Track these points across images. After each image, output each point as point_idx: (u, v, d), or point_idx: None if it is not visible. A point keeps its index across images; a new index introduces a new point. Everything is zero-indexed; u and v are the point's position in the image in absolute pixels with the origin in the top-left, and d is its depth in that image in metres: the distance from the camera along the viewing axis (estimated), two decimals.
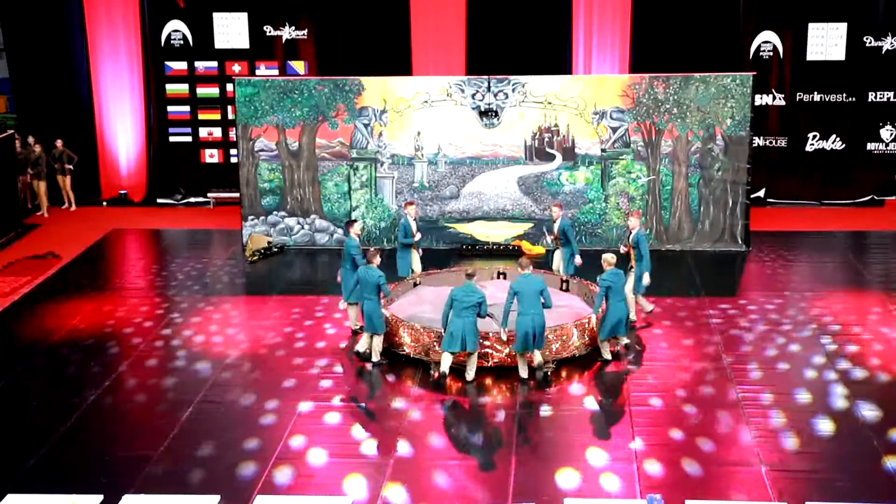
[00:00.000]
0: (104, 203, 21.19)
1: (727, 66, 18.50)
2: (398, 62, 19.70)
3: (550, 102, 17.13)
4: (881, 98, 19.93)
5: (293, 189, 17.66)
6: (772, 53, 19.94)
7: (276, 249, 17.42)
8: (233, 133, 19.52)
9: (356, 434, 10.76)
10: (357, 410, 11.39)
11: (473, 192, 17.50)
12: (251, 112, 17.43)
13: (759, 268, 16.41)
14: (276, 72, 20.46)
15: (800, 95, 20.09)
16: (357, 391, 11.96)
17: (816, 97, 20.04)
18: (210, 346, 13.21)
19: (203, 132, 21.05)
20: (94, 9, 20.52)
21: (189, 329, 13.84)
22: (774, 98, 20.10)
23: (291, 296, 15.15)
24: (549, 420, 11.07)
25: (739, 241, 17.29)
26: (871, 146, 20.22)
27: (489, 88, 17.15)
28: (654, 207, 17.35)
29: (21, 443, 10.58)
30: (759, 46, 19.93)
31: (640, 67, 19.23)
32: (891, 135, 20.11)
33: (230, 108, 20.09)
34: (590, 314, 12.73)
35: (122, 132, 21.01)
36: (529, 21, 20.03)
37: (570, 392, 11.78)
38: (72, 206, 20.65)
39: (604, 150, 17.21)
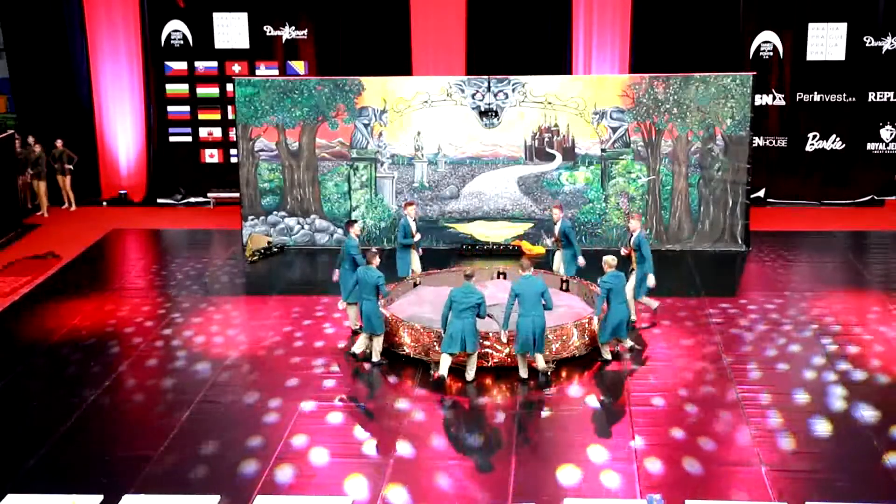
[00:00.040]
0: (104, 203, 21.20)
1: (727, 66, 18.51)
2: (398, 62, 19.71)
3: (550, 102, 17.13)
4: (881, 98, 19.93)
5: (293, 189, 17.66)
6: (772, 53, 19.95)
7: (276, 249, 17.42)
8: (233, 133, 19.53)
9: (356, 434, 10.76)
10: (357, 410, 11.40)
11: (473, 192, 17.50)
12: (251, 112, 17.43)
13: (759, 268, 16.41)
14: (276, 72, 20.46)
15: (800, 95, 20.09)
16: (357, 391, 11.96)
17: (816, 97, 20.05)
18: (210, 346, 13.20)
19: (203, 132, 21.06)
20: (94, 9, 20.53)
21: (189, 329, 13.84)
22: (774, 98, 20.10)
23: (291, 296, 15.15)
24: (549, 420, 11.08)
25: (739, 241, 17.29)
26: (871, 146, 20.23)
27: (489, 88, 17.15)
28: (654, 207, 17.35)
29: (21, 443, 10.58)
30: (759, 46, 19.93)
31: (640, 67, 19.23)
32: (891, 135, 20.11)
33: (230, 108, 20.10)
34: (590, 314, 12.74)
35: (122, 132, 21.01)
36: (529, 21, 20.04)
37: (570, 392, 11.78)
38: (72, 206, 20.65)
39: (604, 150, 17.21)
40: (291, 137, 17.52)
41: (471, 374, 11.90)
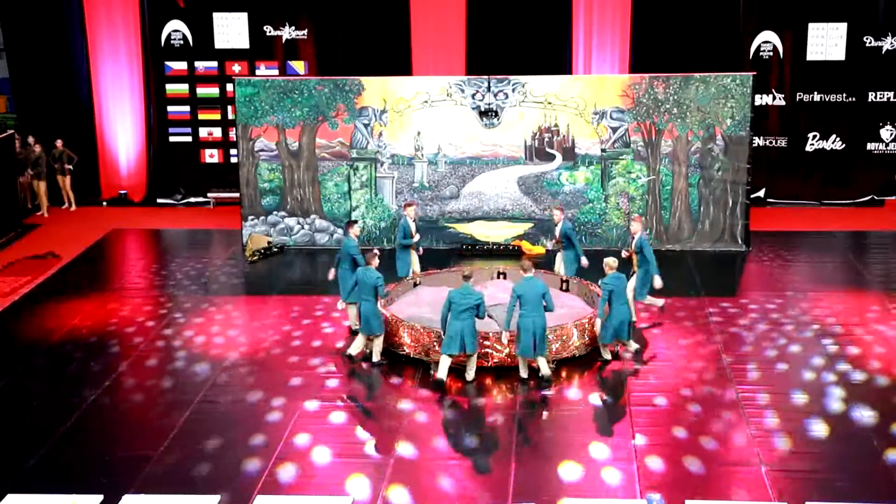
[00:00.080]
0: (104, 203, 21.20)
1: (727, 66, 18.51)
2: (398, 62, 19.71)
3: (550, 102, 17.13)
4: (881, 98, 19.93)
5: (293, 189, 17.66)
6: (772, 53, 19.95)
7: (276, 249, 17.43)
8: (233, 133, 19.53)
9: (357, 434, 10.76)
10: (357, 410, 11.40)
11: (473, 192, 17.50)
12: (251, 112, 17.43)
13: (759, 268, 16.41)
14: (276, 72, 20.46)
15: (800, 95, 20.09)
16: (357, 391, 11.96)
17: (816, 97, 20.05)
18: (210, 347, 13.20)
19: (203, 132, 21.06)
20: (94, 9, 20.53)
21: (189, 329, 13.84)
22: (774, 98, 20.10)
23: (291, 296, 15.15)
24: (549, 420, 11.08)
25: (739, 241, 17.29)
26: (871, 146, 20.23)
27: (489, 88, 17.15)
28: (654, 207, 17.35)
29: (21, 443, 10.58)
30: (759, 46, 19.93)
31: (640, 67, 19.23)
32: (891, 135, 20.12)
33: (230, 108, 20.10)
34: (589, 315, 12.73)
35: (122, 132, 21.01)
36: (529, 21, 20.04)
37: (570, 392, 11.78)
38: (72, 206, 20.65)
39: (604, 150, 17.21)
40: (291, 137, 17.52)
41: (471, 375, 11.90)
